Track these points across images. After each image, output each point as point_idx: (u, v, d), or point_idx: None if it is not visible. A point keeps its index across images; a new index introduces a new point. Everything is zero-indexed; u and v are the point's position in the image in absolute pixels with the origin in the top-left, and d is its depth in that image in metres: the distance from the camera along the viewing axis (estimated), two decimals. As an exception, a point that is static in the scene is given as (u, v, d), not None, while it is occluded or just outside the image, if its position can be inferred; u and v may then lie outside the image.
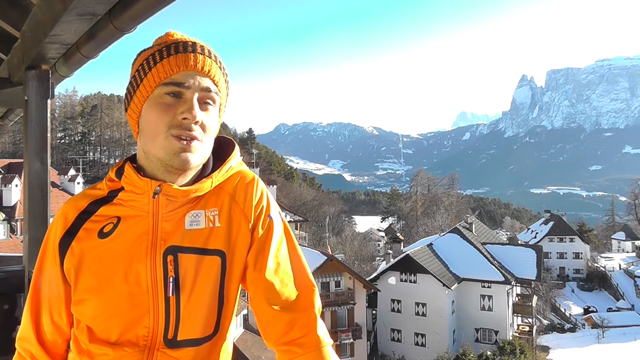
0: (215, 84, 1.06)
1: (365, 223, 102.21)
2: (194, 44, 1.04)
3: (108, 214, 1.08)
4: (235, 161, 1.15)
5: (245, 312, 25.54)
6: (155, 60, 1.02)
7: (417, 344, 35.48)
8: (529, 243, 54.49)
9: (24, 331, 1.15)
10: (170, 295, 1.03)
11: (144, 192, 1.06)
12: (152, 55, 1.03)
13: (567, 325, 45.77)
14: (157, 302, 1.03)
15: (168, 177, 1.07)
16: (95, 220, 1.08)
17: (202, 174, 1.11)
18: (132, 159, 1.12)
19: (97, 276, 1.04)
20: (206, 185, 1.08)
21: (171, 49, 1.02)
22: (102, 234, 1.06)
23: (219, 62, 1.07)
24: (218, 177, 1.10)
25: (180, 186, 1.06)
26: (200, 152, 1.05)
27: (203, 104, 1.04)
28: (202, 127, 1.04)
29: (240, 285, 1.15)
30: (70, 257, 1.07)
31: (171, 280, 1.03)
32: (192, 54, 1.02)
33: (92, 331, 1.05)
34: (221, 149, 1.16)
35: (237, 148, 1.17)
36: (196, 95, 1.03)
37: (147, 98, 1.03)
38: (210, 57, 1.05)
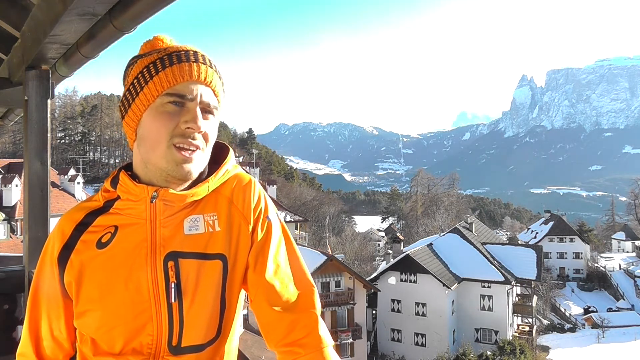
0: (215, 95, 1.07)
1: (365, 223, 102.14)
2: (195, 53, 1.05)
3: (105, 223, 1.08)
4: (231, 164, 1.16)
5: (245, 312, 25.55)
6: (157, 68, 1.02)
7: (417, 344, 35.47)
8: (529, 243, 54.46)
9: (24, 347, 1.14)
10: (173, 301, 1.02)
11: (141, 198, 1.06)
12: (153, 63, 1.03)
13: (567, 325, 45.76)
14: (160, 309, 1.03)
15: (166, 185, 1.07)
16: (93, 231, 1.08)
17: (199, 179, 1.12)
18: (127, 168, 1.12)
19: (99, 286, 1.04)
20: (202, 189, 1.08)
21: (173, 58, 1.03)
22: (100, 244, 1.06)
23: (217, 70, 1.08)
24: (214, 181, 1.11)
25: (177, 191, 1.07)
26: (201, 162, 1.07)
27: (204, 113, 1.05)
28: (205, 136, 1.05)
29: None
30: (70, 270, 1.06)
31: (173, 286, 1.03)
32: (194, 64, 1.03)
33: (96, 343, 1.05)
34: (215, 153, 1.17)
35: (231, 152, 1.18)
36: (199, 105, 1.04)
37: (148, 106, 1.03)
38: (211, 67, 1.06)
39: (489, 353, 30.37)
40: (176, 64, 1.02)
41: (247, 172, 1.21)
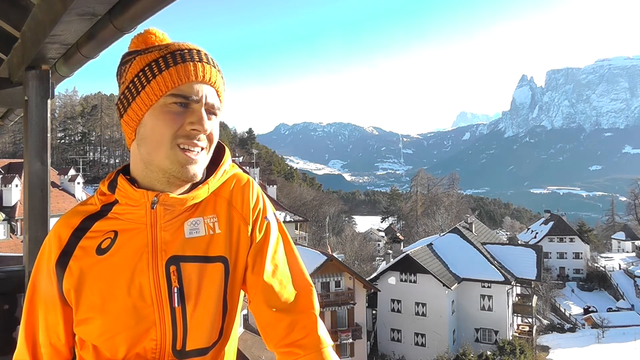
0: (218, 95, 1.05)
1: (365, 223, 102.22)
2: (198, 52, 1.03)
3: (104, 229, 1.06)
4: (228, 164, 1.15)
5: (245, 312, 25.52)
6: (159, 67, 0.99)
7: (417, 344, 35.49)
8: (529, 243, 54.47)
9: (20, 354, 1.12)
10: (176, 305, 1.02)
11: (141, 204, 1.04)
12: (155, 61, 1.00)
13: (567, 325, 45.79)
14: (163, 314, 1.02)
15: (167, 187, 1.05)
16: (91, 237, 1.06)
17: (198, 181, 1.11)
18: (124, 171, 1.10)
19: (100, 293, 1.01)
20: (203, 191, 1.07)
21: (177, 57, 1.00)
22: (100, 250, 1.04)
23: (220, 70, 1.06)
24: (214, 182, 1.10)
25: (177, 194, 1.05)
26: (204, 163, 1.05)
27: (208, 114, 1.03)
28: (209, 137, 1.04)
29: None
30: (69, 277, 1.04)
31: (176, 290, 1.02)
32: (199, 64, 1.01)
33: (99, 350, 1.03)
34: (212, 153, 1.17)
35: (228, 151, 1.16)
36: (203, 107, 1.02)
37: (150, 106, 1.00)
38: (214, 67, 1.04)
39: (489, 353, 30.39)
40: (180, 63, 0.99)
41: (246, 172, 1.20)
